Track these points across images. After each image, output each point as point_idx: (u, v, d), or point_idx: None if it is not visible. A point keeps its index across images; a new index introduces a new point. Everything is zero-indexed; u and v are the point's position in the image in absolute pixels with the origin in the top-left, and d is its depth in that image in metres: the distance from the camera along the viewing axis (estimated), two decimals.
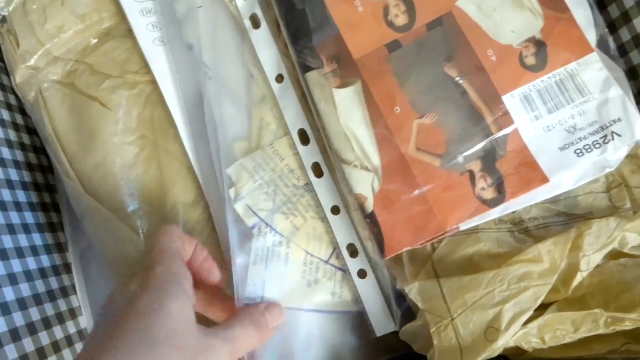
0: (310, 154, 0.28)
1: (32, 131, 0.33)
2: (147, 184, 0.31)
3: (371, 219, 0.25)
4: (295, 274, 0.26)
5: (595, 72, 0.25)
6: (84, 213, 0.30)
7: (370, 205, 0.25)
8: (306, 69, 0.27)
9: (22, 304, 0.27)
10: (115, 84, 0.32)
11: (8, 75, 0.32)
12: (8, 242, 0.27)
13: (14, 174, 0.31)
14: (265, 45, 0.29)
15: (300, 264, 0.26)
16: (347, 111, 0.25)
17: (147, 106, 0.32)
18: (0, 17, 0.31)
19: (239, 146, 0.27)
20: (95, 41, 0.33)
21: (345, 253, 0.28)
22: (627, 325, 0.21)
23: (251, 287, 0.25)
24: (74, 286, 0.33)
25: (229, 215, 0.26)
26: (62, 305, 0.30)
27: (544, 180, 0.24)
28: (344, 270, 0.27)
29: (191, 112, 0.31)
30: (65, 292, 0.31)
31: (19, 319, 0.26)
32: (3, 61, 0.33)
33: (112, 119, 0.31)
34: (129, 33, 0.33)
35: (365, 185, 0.25)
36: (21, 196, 0.31)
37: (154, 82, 0.32)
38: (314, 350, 0.26)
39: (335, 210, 0.28)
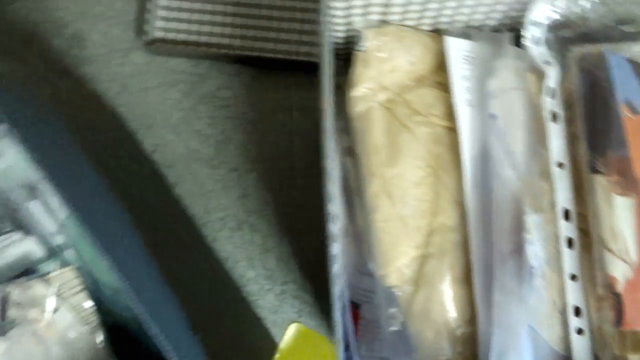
0: (567, 229, 0.38)
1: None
2: (424, 201, 0.41)
3: (617, 298, 0.34)
4: (546, 313, 0.36)
5: None
6: (374, 207, 0.41)
7: (619, 288, 0.34)
8: (594, 171, 0.36)
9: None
10: (420, 120, 0.42)
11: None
12: None
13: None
14: (556, 137, 0.39)
15: (550, 307, 0.36)
16: (620, 214, 0.35)
17: (438, 145, 0.42)
18: (363, 49, 0.42)
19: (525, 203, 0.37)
20: (412, 83, 0.43)
21: (571, 311, 0.37)
22: None
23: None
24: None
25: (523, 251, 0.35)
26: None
27: None
28: None
29: (475, 162, 0.41)
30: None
31: None
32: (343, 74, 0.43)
33: (413, 145, 0.42)
34: (436, 84, 0.43)
35: (618, 271, 0.34)
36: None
37: (447, 128, 0.42)
38: None
39: (573, 277, 0.37)
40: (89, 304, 0.46)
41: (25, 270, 0.46)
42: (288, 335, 0.59)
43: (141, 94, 0.64)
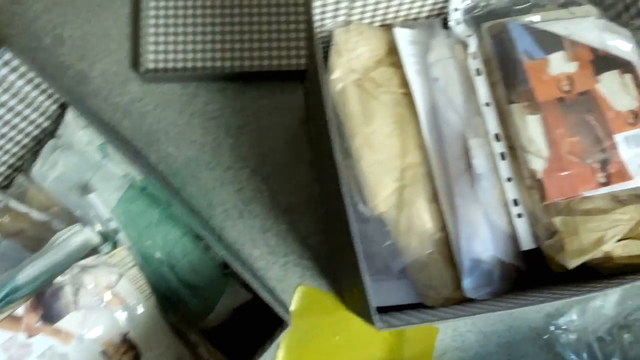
0: (499, 147, 0.53)
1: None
2: (395, 147, 0.55)
3: (539, 183, 0.49)
4: (495, 205, 0.50)
5: None
6: (359, 157, 0.55)
7: (539, 175, 0.49)
8: (510, 102, 0.52)
9: None
10: (383, 90, 0.57)
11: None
12: None
13: None
14: (481, 85, 0.54)
15: (497, 201, 0.50)
16: (532, 127, 0.50)
17: (399, 107, 0.57)
18: (336, 44, 0.56)
19: (467, 133, 0.52)
20: (373, 65, 0.58)
21: (511, 203, 0.52)
22: None
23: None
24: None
25: (471, 166, 0.50)
26: None
27: (630, 178, 0.49)
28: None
29: (427, 114, 0.56)
30: None
31: None
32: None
33: (380, 109, 0.56)
34: (391, 64, 0.58)
35: (537, 165, 0.49)
36: None
37: (405, 94, 0.57)
38: (500, 245, 0.50)
39: (509, 180, 0.52)
40: (141, 276, 0.57)
41: (87, 254, 0.56)
42: (296, 297, 0.72)
43: (141, 118, 0.76)
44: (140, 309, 0.55)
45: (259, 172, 0.75)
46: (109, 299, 0.54)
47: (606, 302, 0.73)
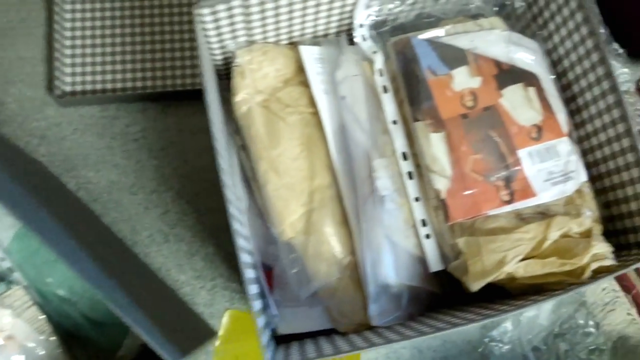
0: (406, 166, 0.51)
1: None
2: (303, 169, 0.53)
3: (443, 203, 0.47)
4: (401, 228, 0.48)
5: (564, 145, 0.49)
6: (265, 182, 0.53)
7: (443, 195, 0.48)
8: (415, 119, 0.50)
9: None
10: (291, 111, 0.55)
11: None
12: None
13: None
14: (388, 103, 0.53)
15: (404, 224, 0.49)
16: (436, 145, 0.49)
17: (307, 127, 0.55)
18: (238, 65, 0.54)
19: (372, 153, 0.50)
20: (280, 85, 0.56)
21: (419, 224, 0.50)
22: (567, 267, 0.44)
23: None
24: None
25: (374, 187, 0.48)
26: None
27: (534, 195, 0.47)
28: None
29: (336, 134, 0.54)
30: None
31: None
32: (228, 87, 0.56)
33: (288, 130, 0.54)
34: (299, 83, 0.56)
35: (441, 184, 0.48)
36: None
37: (313, 114, 0.55)
38: (405, 270, 0.48)
39: (417, 199, 0.51)
40: (40, 315, 0.54)
41: None
42: (225, 322, 0.69)
43: (59, 143, 0.73)
44: (40, 351, 0.52)
45: (184, 194, 0.73)
46: (2, 343, 0.50)
47: (541, 311, 0.72)
